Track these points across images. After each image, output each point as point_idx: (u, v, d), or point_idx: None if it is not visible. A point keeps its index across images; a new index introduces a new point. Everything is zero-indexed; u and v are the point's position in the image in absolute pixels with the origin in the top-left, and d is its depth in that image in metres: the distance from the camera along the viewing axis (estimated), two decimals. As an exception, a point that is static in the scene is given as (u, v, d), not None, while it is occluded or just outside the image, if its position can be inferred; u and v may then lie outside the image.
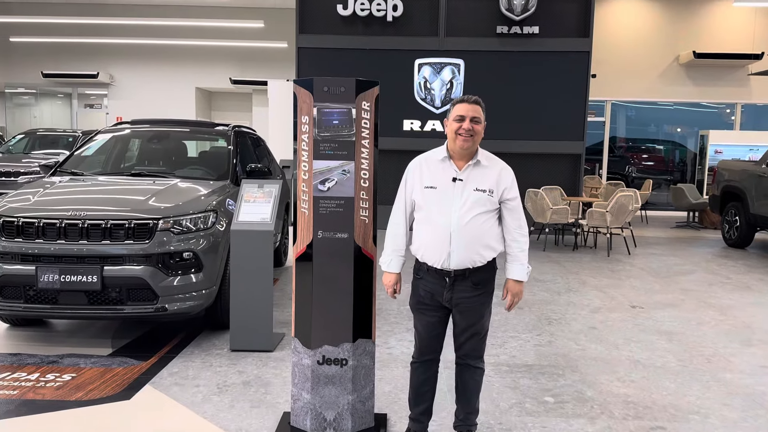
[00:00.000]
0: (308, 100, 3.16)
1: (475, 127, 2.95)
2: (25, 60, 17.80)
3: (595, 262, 8.78)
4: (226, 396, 3.90)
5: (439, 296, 3.02)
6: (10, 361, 4.42)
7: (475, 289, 3.00)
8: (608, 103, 15.17)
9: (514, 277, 3.08)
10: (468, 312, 3.02)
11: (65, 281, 4.35)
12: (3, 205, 4.71)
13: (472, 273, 2.98)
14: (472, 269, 2.97)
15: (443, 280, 2.99)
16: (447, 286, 2.99)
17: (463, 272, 2.96)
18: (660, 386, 4.23)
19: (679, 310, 6.26)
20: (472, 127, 2.95)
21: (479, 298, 3.02)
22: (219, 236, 4.89)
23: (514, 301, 3.12)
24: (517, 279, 3.08)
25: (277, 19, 15.74)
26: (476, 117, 2.96)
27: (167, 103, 17.30)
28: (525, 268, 3.07)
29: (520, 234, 3.04)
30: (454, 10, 10.98)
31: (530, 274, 3.14)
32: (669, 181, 16.00)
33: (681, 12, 14.70)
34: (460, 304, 3.01)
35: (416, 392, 3.21)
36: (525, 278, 3.09)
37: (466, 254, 2.93)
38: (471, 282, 2.98)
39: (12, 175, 11.44)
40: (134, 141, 6.57)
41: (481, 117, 2.99)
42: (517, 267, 3.07)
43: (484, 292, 3.03)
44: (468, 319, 3.04)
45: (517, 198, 3.05)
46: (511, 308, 3.14)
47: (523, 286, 3.12)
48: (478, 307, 3.04)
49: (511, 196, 3.02)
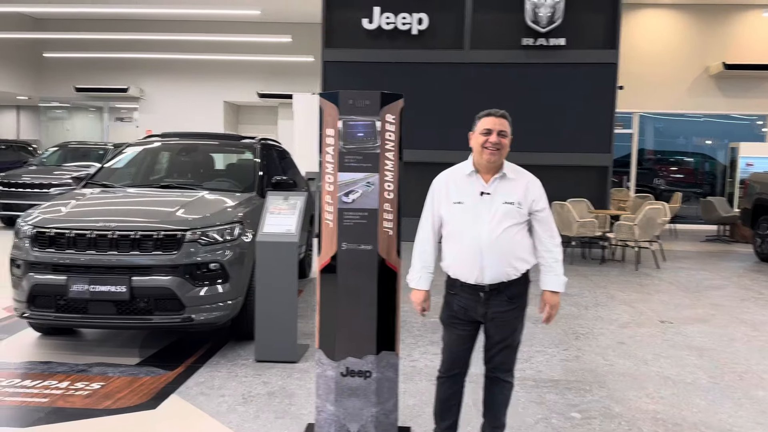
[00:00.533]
0: (333, 113, 3.19)
1: (501, 141, 2.94)
2: (58, 75, 18.26)
3: (623, 276, 8.66)
4: (251, 406, 3.92)
5: (473, 311, 3.00)
6: (41, 369, 4.50)
7: (510, 303, 2.97)
8: (636, 115, 15.01)
9: (551, 287, 3.03)
10: (502, 326, 3.00)
11: (95, 291, 4.43)
12: (36, 216, 4.82)
13: (507, 287, 2.95)
14: (507, 283, 2.94)
15: (477, 296, 2.97)
16: (482, 301, 2.97)
17: (497, 286, 2.94)
18: (690, 403, 4.15)
19: (710, 325, 6.14)
20: (499, 141, 2.93)
21: (514, 312, 3.00)
22: (245, 247, 4.94)
23: (552, 313, 3.07)
24: (554, 290, 3.03)
25: (303, 34, 15.93)
26: (503, 131, 2.95)
27: (196, 117, 17.59)
28: (561, 278, 3.03)
29: (552, 244, 3.01)
30: (479, 23, 11.00)
31: (565, 284, 3.09)
32: (698, 194, 15.74)
33: (710, 23, 14.53)
34: (495, 318, 2.98)
35: (442, 406, 3.18)
36: (561, 289, 3.03)
37: (500, 268, 2.91)
38: (506, 296, 2.96)
39: (45, 187, 11.71)
40: (163, 154, 6.68)
41: (507, 131, 2.98)
42: (553, 278, 3.02)
43: (518, 305, 3.00)
44: (502, 332, 3.01)
45: (546, 209, 3.02)
46: (550, 320, 3.09)
47: (559, 297, 3.06)
48: (512, 320, 3.01)
49: (540, 207, 2.99)
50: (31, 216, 4.85)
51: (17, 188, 11.79)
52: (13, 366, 4.56)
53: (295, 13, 15.88)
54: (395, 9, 11.03)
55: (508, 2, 10.93)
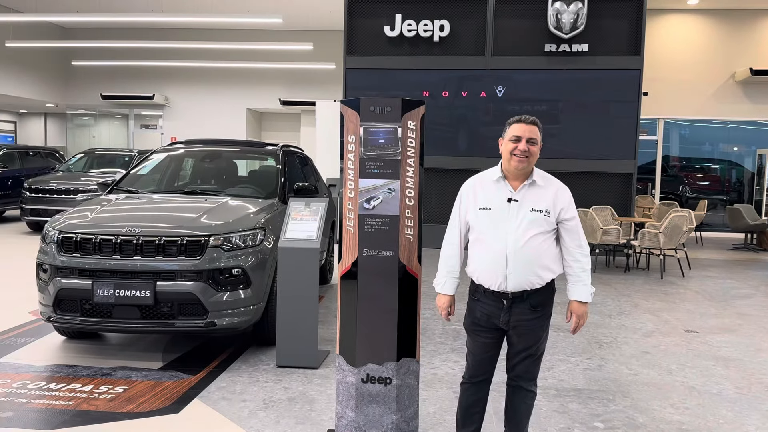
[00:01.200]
0: (355, 120, 3.20)
1: (530, 149, 2.91)
2: (85, 83, 18.60)
3: (647, 284, 8.54)
4: (271, 412, 3.93)
5: (495, 318, 2.97)
6: (66, 372, 4.57)
7: (534, 312, 2.94)
8: (661, 121, 14.84)
9: (578, 298, 2.98)
10: (526, 334, 2.97)
11: (119, 296, 4.49)
12: (62, 221, 4.91)
13: (531, 295, 2.92)
14: (531, 291, 2.91)
15: (500, 303, 2.94)
16: (504, 309, 2.94)
17: (521, 294, 2.91)
18: (716, 414, 4.07)
19: (737, 335, 6.03)
20: (528, 149, 2.90)
21: (537, 321, 2.96)
22: (267, 253, 4.97)
23: (579, 324, 3.02)
24: (581, 300, 2.98)
25: (325, 41, 16.04)
26: (532, 138, 2.92)
27: (219, 124, 17.78)
28: (588, 289, 2.98)
29: (581, 254, 2.96)
30: (500, 29, 10.98)
31: (593, 295, 3.04)
32: (725, 202, 15.49)
33: (737, 28, 14.33)
34: (518, 326, 2.95)
35: (465, 413, 3.16)
36: (589, 299, 2.99)
37: (524, 276, 2.88)
38: (529, 304, 2.93)
39: (71, 193, 11.91)
40: (187, 160, 6.77)
41: (537, 138, 2.94)
42: (580, 287, 2.98)
43: (542, 314, 2.97)
44: (525, 341, 2.98)
45: (575, 218, 2.97)
46: (576, 331, 3.04)
47: (587, 307, 3.02)
48: (536, 329, 2.97)
49: (568, 216, 2.95)
50: (58, 221, 4.93)
51: (44, 194, 12.01)
52: (39, 369, 4.63)
53: (316, 20, 15.99)
54: (417, 16, 11.05)
55: (531, 8, 10.90)
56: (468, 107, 11.07)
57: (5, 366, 4.67)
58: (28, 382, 4.34)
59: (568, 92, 10.85)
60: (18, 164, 13.90)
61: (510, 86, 10.94)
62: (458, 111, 11.10)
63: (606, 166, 10.84)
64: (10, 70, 16.64)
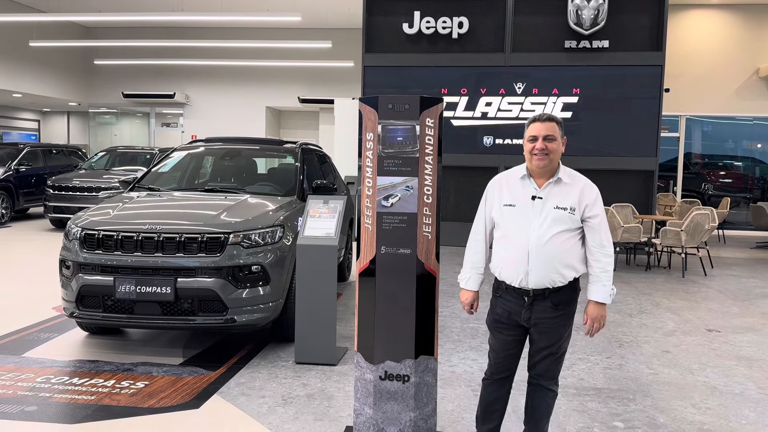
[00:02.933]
0: (373, 118, 3.21)
1: (548, 146, 2.88)
2: (107, 81, 18.83)
3: (668, 283, 8.45)
4: (290, 408, 3.96)
5: (516, 315, 2.96)
6: (88, 367, 4.63)
7: (555, 310, 2.91)
8: (683, 118, 14.65)
9: (595, 298, 2.93)
10: (547, 332, 2.94)
11: (141, 292, 4.54)
12: (85, 218, 4.97)
13: (552, 293, 2.90)
14: (552, 289, 2.89)
15: (522, 300, 2.93)
16: (525, 306, 2.93)
17: (542, 292, 2.89)
18: (739, 415, 4.02)
19: (760, 335, 5.94)
20: (546, 146, 2.88)
21: (559, 320, 2.93)
22: (286, 250, 5.00)
23: (594, 326, 2.96)
24: (598, 301, 2.93)
25: (344, 39, 16.06)
26: (549, 135, 2.89)
27: (239, 122, 17.89)
28: (607, 290, 2.91)
29: (602, 254, 2.91)
30: (520, 25, 10.91)
31: (614, 296, 2.97)
32: (748, 199, 15.25)
33: (761, 23, 14.09)
34: (539, 324, 2.93)
35: (485, 410, 3.16)
36: (607, 300, 2.93)
37: (545, 273, 2.86)
38: (551, 302, 2.90)
39: (94, 190, 12.07)
40: (207, 158, 6.83)
41: (556, 134, 2.91)
42: (598, 288, 2.92)
43: (564, 313, 2.94)
44: (546, 339, 2.96)
45: (599, 216, 2.92)
46: (592, 334, 2.98)
47: (605, 309, 2.95)
48: (558, 327, 2.94)
49: (592, 214, 2.90)
50: (81, 218, 5.00)
51: (67, 191, 12.18)
52: (62, 364, 4.71)
53: (335, 18, 16.02)
54: (435, 13, 11.02)
55: (550, 4, 10.81)
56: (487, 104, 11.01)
57: (29, 361, 4.75)
58: (51, 377, 4.41)
59: (588, 89, 10.76)
60: (41, 162, 14.11)
61: (529, 83, 10.87)
62: (477, 108, 11.03)
63: (627, 164, 10.74)
64: (34, 69, 16.90)
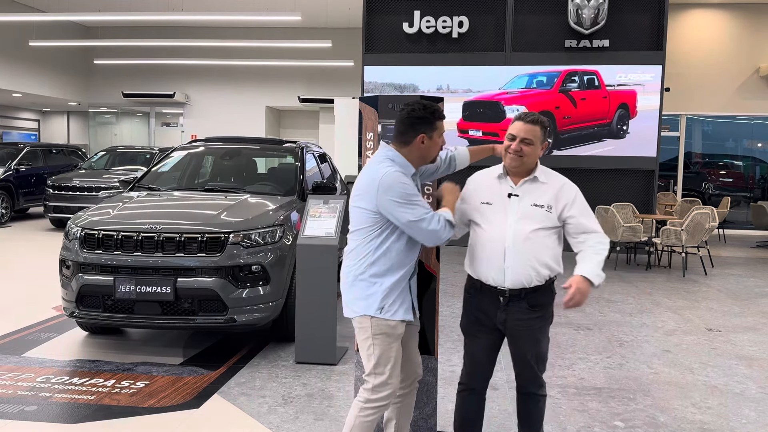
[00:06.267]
0: (373, 117, 3.20)
1: (524, 149, 2.81)
2: (107, 81, 18.82)
3: (669, 282, 8.45)
4: (290, 407, 3.96)
5: (492, 317, 2.89)
6: (88, 367, 4.63)
7: (532, 312, 2.84)
8: (683, 117, 14.64)
9: (583, 273, 2.74)
10: (523, 336, 2.87)
11: (141, 292, 4.54)
12: (84, 218, 4.97)
13: (529, 294, 2.83)
14: (529, 289, 2.82)
15: (497, 300, 2.87)
16: (501, 307, 2.86)
17: (519, 292, 2.82)
18: (739, 414, 4.02)
19: (760, 334, 5.94)
20: (521, 149, 2.82)
21: (535, 322, 2.86)
22: (286, 250, 5.00)
23: (575, 298, 2.70)
24: (586, 276, 2.73)
25: (344, 39, 16.05)
26: (528, 139, 2.82)
27: (239, 121, 17.89)
28: (597, 268, 2.75)
29: (595, 241, 2.81)
30: (520, 25, 10.90)
31: (601, 282, 2.77)
32: (749, 199, 15.24)
33: (761, 22, 14.07)
34: (515, 327, 2.86)
35: (463, 422, 3.07)
36: (595, 279, 2.73)
37: (522, 271, 2.80)
38: (527, 303, 2.84)
39: (94, 190, 12.07)
40: (207, 158, 6.82)
41: (535, 138, 2.82)
42: (588, 265, 2.76)
43: (540, 315, 2.87)
44: (523, 344, 2.88)
45: (583, 215, 2.85)
46: (569, 305, 2.71)
47: (589, 289, 2.73)
48: (534, 331, 2.87)
49: (574, 213, 2.84)
50: (81, 218, 5.00)
51: (67, 191, 12.18)
52: (63, 364, 4.70)
53: (335, 18, 16.01)
54: (436, 12, 11.01)
55: (551, 3, 10.81)
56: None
57: (29, 360, 4.75)
58: (51, 377, 4.41)
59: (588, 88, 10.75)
60: (41, 162, 14.11)
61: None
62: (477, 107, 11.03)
63: (627, 163, 10.73)
64: (34, 69, 16.89)
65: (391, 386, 2.77)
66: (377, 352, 2.76)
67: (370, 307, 2.75)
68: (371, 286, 2.76)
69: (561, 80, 10.71)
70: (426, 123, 2.77)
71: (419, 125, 2.77)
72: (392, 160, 2.78)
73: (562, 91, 10.72)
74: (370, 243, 2.76)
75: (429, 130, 2.78)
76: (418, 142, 2.78)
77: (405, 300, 2.81)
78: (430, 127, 2.78)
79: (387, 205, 2.67)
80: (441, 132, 2.84)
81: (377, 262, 2.75)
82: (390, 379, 2.76)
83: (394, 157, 2.79)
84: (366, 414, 2.77)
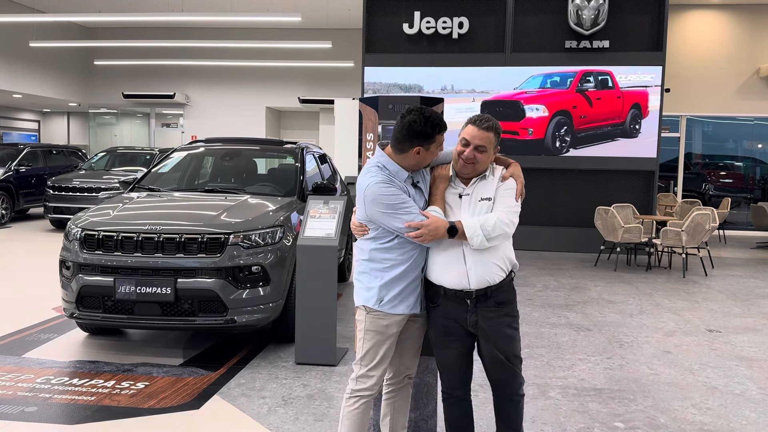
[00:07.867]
0: (373, 118, 3.20)
1: (477, 156, 2.73)
2: (107, 82, 18.82)
3: (669, 283, 8.44)
4: (290, 408, 3.95)
5: (462, 322, 2.80)
6: (88, 368, 4.63)
7: (499, 310, 2.80)
8: (683, 118, 14.64)
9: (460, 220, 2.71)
10: (496, 335, 2.80)
11: (141, 292, 4.54)
12: (84, 219, 4.97)
13: (494, 292, 2.78)
14: (493, 287, 2.78)
15: (464, 303, 2.78)
16: (470, 309, 2.80)
17: (484, 291, 2.77)
18: (739, 415, 4.02)
19: (761, 335, 5.93)
20: (474, 156, 2.73)
21: (505, 319, 2.81)
22: (286, 251, 5.00)
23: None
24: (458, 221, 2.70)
25: (344, 40, 16.06)
26: (482, 146, 2.73)
27: (239, 122, 17.89)
28: (475, 227, 2.67)
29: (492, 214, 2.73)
30: (520, 25, 10.91)
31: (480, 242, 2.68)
32: (749, 200, 15.23)
33: (761, 23, 14.08)
34: (487, 327, 2.80)
35: (453, 427, 3.02)
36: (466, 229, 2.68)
37: (484, 268, 2.74)
38: (494, 302, 2.79)
39: (94, 191, 12.07)
40: (208, 159, 6.82)
41: (489, 146, 2.74)
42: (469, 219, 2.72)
43: (507, 312, 2.83)
44: (497, 344, 2.81)
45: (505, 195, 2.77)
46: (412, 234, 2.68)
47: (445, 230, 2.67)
48: (504, 328, 2.81)
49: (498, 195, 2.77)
50: (81, 219, 5.00)
51: (67, 192, 12.18)
52: (63, 365, 4.70)
53: (335, 19, 16.01)
54: (436, 13, 11.02)
55: (551, 4, 10.81)
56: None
57: (29, 361, 4.75)
58: (51, 378, 4.40)
59: (588, 88, 10.75)
60: (41, 162, 14.11)
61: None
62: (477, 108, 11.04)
63: (627, 164, 10.73)
64: (34, 69, 16.90)
65: (375, 379, 2.84)
66: (366, 347, 2.84)
67: (370, 299, 2.82)
68: (373, 279, 2.82)
69: (578, 80, 10.74)
70: (425, 138, 2.71)
71: (417, 139, 2.71)
72: (381, 167, 2.77)
73: (579, 91, 10.76)
74: (373, 239, 2.81)
75: (426, 144, 2.73)
76: (414, 152, 2.74)
77: (410, 294, 2.83)
78: (428, 141, 2.72)
79: (376, 216, 2.73)
80: (439, 143, 2.78)
81: (379, 257, 2.80)
82: (373, 372, 2.83)
83: (386, 164, 2.78)
84: (351, 403, 2.85)
